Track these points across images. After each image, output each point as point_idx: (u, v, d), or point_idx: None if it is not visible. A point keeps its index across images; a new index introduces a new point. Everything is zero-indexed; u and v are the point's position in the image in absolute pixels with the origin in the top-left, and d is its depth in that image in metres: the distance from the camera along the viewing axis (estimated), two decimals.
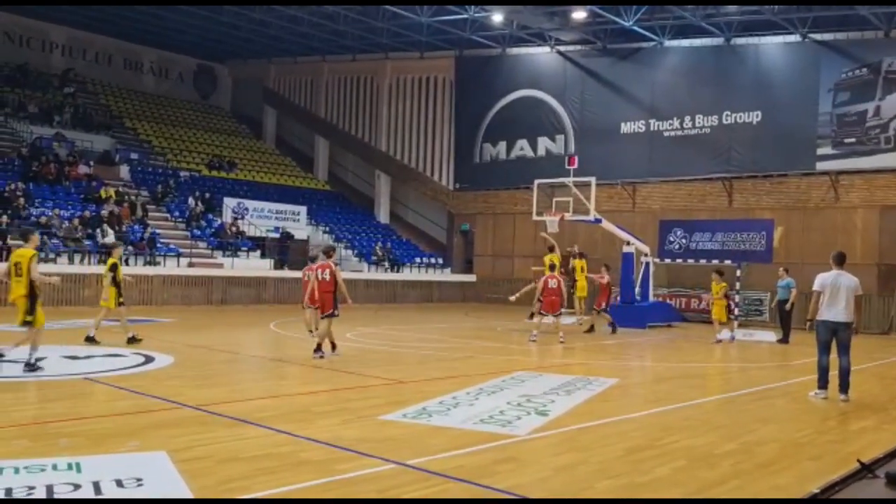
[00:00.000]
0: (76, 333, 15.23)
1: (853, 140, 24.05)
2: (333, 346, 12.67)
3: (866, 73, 23.90)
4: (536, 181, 24.14)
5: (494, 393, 9.69)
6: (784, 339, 18.23)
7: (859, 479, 2.59)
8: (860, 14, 22.71)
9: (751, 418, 8.78)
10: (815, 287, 10.27)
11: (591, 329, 19.19)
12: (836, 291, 10.02)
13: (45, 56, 36.31)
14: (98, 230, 24.31)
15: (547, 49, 30.94)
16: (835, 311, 9.98)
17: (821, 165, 24.57)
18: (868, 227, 23.94)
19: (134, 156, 32.01)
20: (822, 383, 10.12)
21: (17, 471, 5.40)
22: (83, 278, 22.19)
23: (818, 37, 24.67)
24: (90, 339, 13.48)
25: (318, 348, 12.40)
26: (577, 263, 22.34)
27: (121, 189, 28.37)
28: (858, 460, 2.61)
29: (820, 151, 24.58)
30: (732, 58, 26.61)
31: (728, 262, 23.79)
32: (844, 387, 9.98)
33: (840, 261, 10.46)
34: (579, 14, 26.05)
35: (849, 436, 8.05)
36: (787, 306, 18.10)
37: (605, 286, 19.32)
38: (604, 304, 19.36)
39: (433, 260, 33.31)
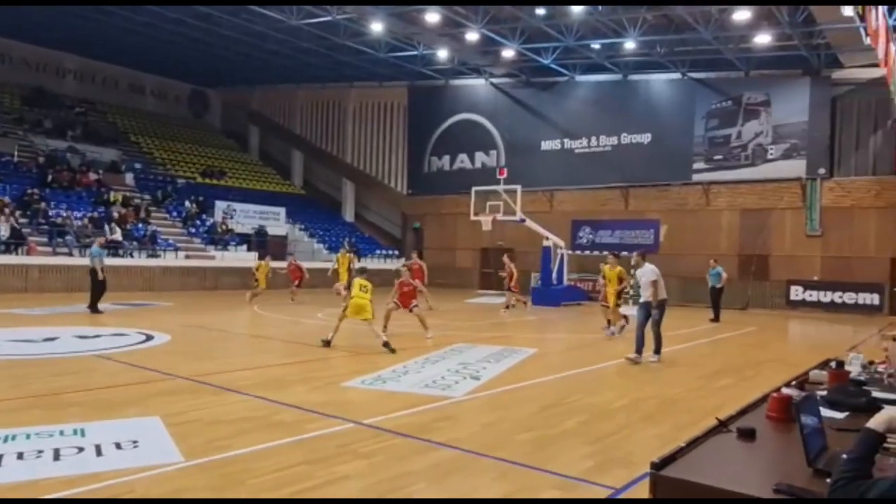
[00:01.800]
0: (87, 316, 14.77)
1: (721, 157, 24.72)
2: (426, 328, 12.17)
3: (731, 105, 24.57)
4: (473, 188, 24.21)
5: (437, 362, 9.68)
6: (715, 319, 17.96)
7: (716, 433, 2.64)
8: (726, 58, 23.31)
9: (639, 380, 8.95)
10: (653, 277, 10.24)
11: (508, 307, 18.99)
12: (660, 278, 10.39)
13: (59, 80, 34.81)
14: (107, 228, 23.51)
15: (482, 81, 30.96)
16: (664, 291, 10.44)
17: (696, 177, 25.19)
18: (731, 226, 24.67)
19: (138, 165, 30.97)
20: (641, 350, 10.17)
21: (28, 437, 5.18)
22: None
23: (694, 75, 25.24)
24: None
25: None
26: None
27: (126, 194, 27.46)
28: (716, 418, 2.66)
29: (695, 166, 25.20)
30: (628, 90, 27.03)
31: (625, 253, 24.29)
32: (659, 349, 10.30)
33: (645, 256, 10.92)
34: (508, 53, 26.12)
35: (713, 392, 8.23)
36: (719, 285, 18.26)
37: (510, 272, 19.24)
38: (510, 285, 19.21)
39: (390, 252, 33.13)
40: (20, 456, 4.73)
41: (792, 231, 23.50)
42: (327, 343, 10.81)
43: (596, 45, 24.69)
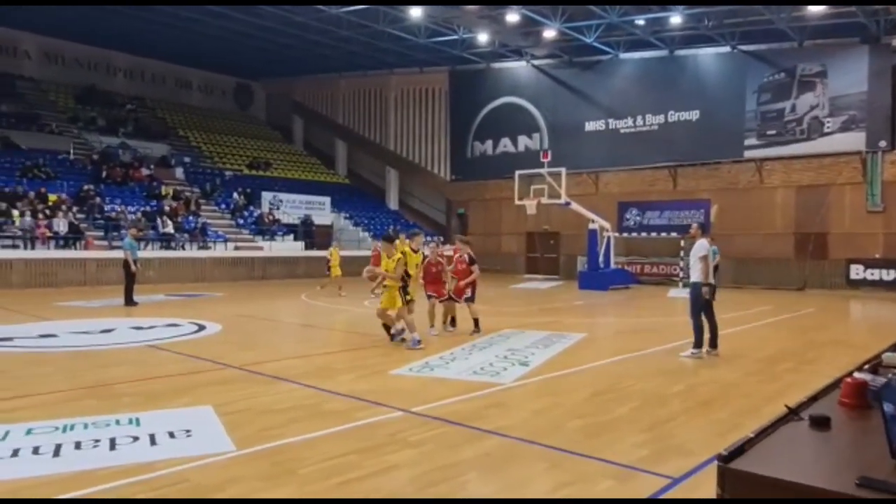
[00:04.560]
0: (142, 307, 15.17)
1: (774, 132, 23.79)
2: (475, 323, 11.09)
3: (784, 77, 23.58)
4: (517, 172, 23.93)
5: (485, 348, 9.59)
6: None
7: (787, 422, 2.45)
8: (779, 28, 22.34)
9: (693, 365, 8.66)
10: (704, 253, 9.03)
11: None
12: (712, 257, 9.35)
13: (110, 78, 35.81)
14: (158, 221, 24.13)
15: (524, 63, 30.51)
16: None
17: (748, 154, 24.33)
18: (786, 204, 23.77)
19: (187, 159, 31.68)
20: (701, 342, 9.11)
21: (85, 426, 5.29)
22: (148, 261, 22.04)
23: (745, 48, 24.29)
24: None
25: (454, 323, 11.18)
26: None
27: (177, 187, 28.12)
28: (786, 405, 2.47)
29: (747, 142, 24.33)
30: (675, 67, 26.22)
31: (674, 234, 23.74)
32: (716, 342, 9.14)
33: (705, 230, 9.50)
34: (549, 33, 25.63)
35: (772, 377, 7.90)
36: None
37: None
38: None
39: (435, 239, 33.08)
40: (78, 445, 4.83)
41: (851, 207, 22.49)
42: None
43: (640, 21, 24.01)
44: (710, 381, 7.54)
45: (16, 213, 21.17)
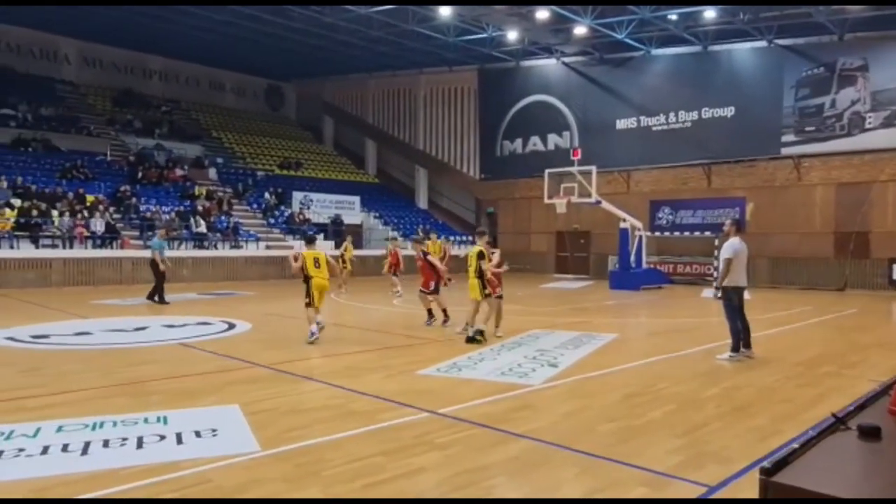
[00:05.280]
0: (176, 306, 15.35)
1: (812, 128, 23.12)
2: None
3: (823, 72, 22.88)
4: (547, 171, 23.66)
5: (514, 349, 9.45)
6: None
7: (833, 432, 2.28)
8: (818, 21, 21.69)
9: (730, 368, 8.40)
10: (728, 255, 8.64)
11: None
12: (742, 258, 8.71)
13: (146, 81, 36.51)
14: (192, 221, 24.46)
15: (553, 60, 30.21)
16: (744, 275, 8.76)
17: (785, 150, 23.68)
18: (826, 202, 23.07)
19: (220, 160, 32.08)
20: (739, 346, 8.73)
21: (114, 424, 5.31)
22: (182, 260, 22.39)
23: (782, 42, 23.65)
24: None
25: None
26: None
27: (210, 188, 28.49)
28: (833, 414, 2.31)
29: (784, 139, 23.68)
30: (709, 62, 25.67)
31: (708, 233, 23.25)
32: (749, 342, 8.79)
33: (740, 227, 8.98)
34: (580, 30, 25.30)
35: (813, 380, 7.58)
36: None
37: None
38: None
39: (464, 238, 32.99)
40: (106, 444, 4.84)
41: (894, 205, 21.73)
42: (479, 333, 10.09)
43: (673, 16, 23.54)
44: (748, 384, 7.29)
45: (55, 213, 21.67)
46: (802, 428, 5.49)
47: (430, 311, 12.21)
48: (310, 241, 10.92)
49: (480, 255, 10.31)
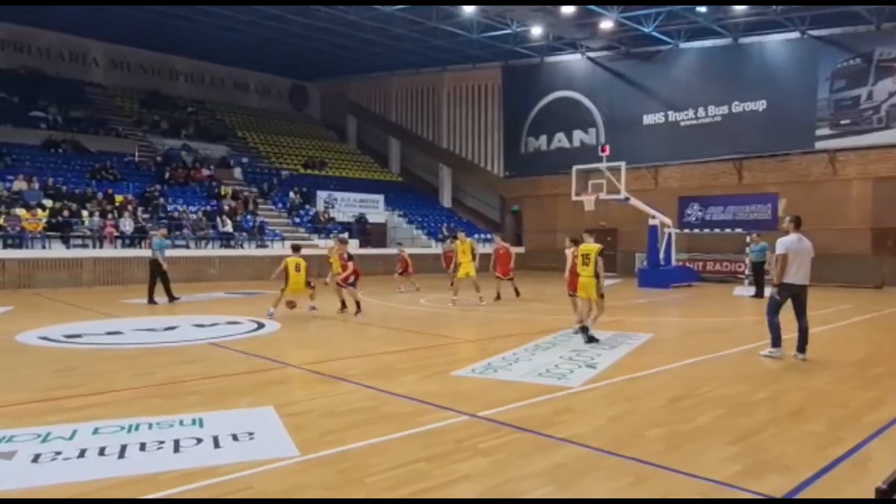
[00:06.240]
0: (204, 305, 15.37)
1: (848, 121, 22.50)
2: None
3: (860, 63, 22.26)
4: (574, 167, 23.32)
5: (548, 349, 9.23)
6: (758, 294, 17.18)
7: None
8: (854, 10, 21.09)
9: (776, 369, 8.10)
10: (780, 251, 8.47)
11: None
12: (801, 255, 8.41)
13: (172, 83, 36.84)
14: (218, 220, 24.57)
15: (579, 56, 29.84)
16: (802, 273, 8.40)
17: (819, 145, 23.09)
18: (862, 197, 22.45)
19: (245, 160, 32.22)
20: (779, 342, 8.57)
21: (150, 426, 5.21)
22: (208, 259, 22.49)
23: (816, 32, 23.04)
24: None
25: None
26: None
27: (235, 187, 28.61)
28: None
29: (819, 132, 23.08)
30: (740, 55, 25.12)
31: (739, 230, 22.78)
32: (803, 346, 8.46)
33: (799, 224, 8.67)
34: (606, 24, 24.92)
35: (867, 382, 7.25)
36: (766, 266, 16.97)
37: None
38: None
39: (488, 236, 32.74)
40: (143, 447, 4.74)
41: None
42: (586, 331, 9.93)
43: (702, 9, 23.08)
44: (798, 387, 6.99)
45: (85, 213, 21.89)
46: (864, 435, 5.22)
47: (343, 302, 13.96)
48: (296, 249, 13.80)
49: (601, 253, 10.01)
